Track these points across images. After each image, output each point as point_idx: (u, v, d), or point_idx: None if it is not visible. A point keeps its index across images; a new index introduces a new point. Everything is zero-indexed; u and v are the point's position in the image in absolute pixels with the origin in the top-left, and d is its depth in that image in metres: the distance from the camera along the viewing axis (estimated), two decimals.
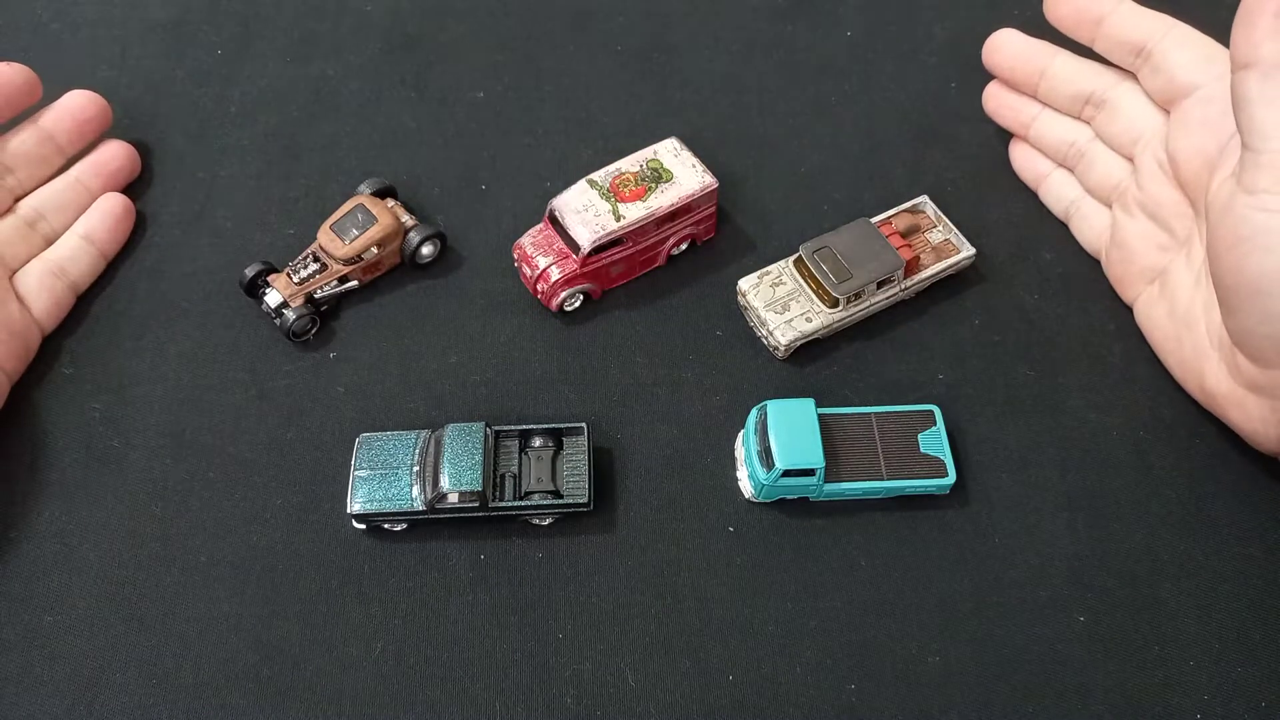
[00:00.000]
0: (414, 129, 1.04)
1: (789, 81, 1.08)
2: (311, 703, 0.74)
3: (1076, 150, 0.93)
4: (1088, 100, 0.90)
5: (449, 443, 0.79)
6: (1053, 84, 0.92)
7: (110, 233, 0.94)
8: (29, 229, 0.91)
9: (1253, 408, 0.76)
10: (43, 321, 0.89)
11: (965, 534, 0.81)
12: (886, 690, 0.74)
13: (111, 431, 0.86)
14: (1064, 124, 0.94)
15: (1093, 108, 0.90)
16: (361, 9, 1.14)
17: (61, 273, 0.91)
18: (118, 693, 0.74)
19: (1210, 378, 0.80)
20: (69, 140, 0.96)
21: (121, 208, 0.96)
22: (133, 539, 0.81)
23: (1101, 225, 0.92)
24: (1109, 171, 0.90)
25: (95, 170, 0.96)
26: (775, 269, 0.90)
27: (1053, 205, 0.97)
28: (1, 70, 0.91)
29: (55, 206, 0.93)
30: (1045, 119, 0.95)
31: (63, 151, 0.95)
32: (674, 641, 0.76)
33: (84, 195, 0.95)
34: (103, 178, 0.96)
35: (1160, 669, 0.75)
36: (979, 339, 0.90)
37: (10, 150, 0.93)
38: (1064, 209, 0.96)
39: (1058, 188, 0.96)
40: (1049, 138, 0.95)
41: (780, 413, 0.80)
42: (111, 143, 0.98)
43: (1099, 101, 0.89)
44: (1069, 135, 0.93)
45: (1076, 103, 0.91)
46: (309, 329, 0.90)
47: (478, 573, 0.79)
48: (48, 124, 0.94)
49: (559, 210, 0.88)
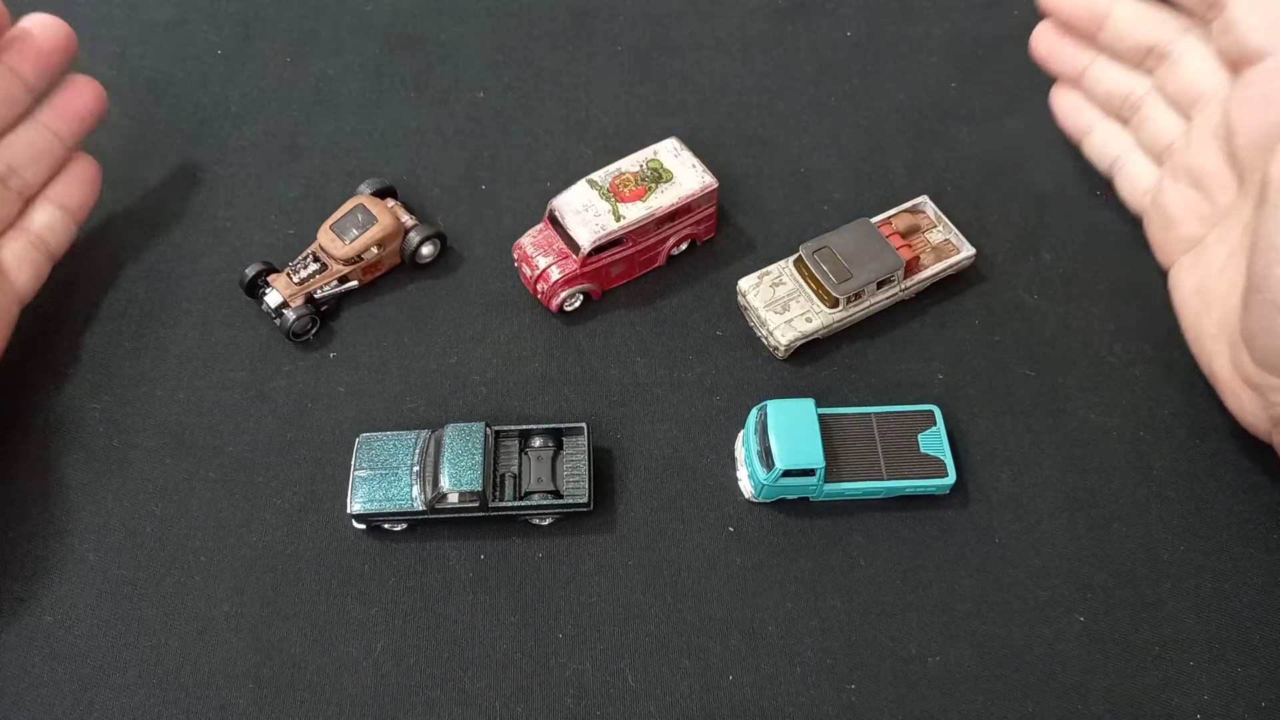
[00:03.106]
0: (414, 129, 1.04)
1: (789, 81, 1.08)
2: (311, 703, 0.74)
3: (1131, 103, 0.87)
4: (1150, 50, 0.83)
5: (449, 443, 0.79)
6: (1115, 30, 0.85)
7: (84, 199, 0.90)
8: (3, 187, 0.85)
9: (1247, 402, 0.76)
10: (24, 294, 0.86)
11: (965, 534, 0.81)
12: (886, 690, 0.74)
13: (111, 431, 0.86)
14: (1120, 74, 0.87)
15: (1155, 58, 0.83)
16: (361, 9, 1.14)
17: (42, 244, 0.87)
18: (118, 693, 0.74)
19: (1219, 362, 0.78)
20: (37, 75, 0.85)
21: (93, 172, 0.91)
22: (133, 539, 0.81)
23: (1147, 184, 0.87)
24: (1163, 129, 0.84)
25: (64, 115, 0.88)
26: (775, 269, 0.90)
27: (1096, 160, 0.92)
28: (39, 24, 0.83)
29: (27, 159, 0.86)
30: (1100, 67, 0.88)
31: (30, 89, 0.85)
32: (674, 641, 0.76)
33: (56, 145, 0.87)
34: (73, 123, 0.88)
35: (1160, 669, 0.75)
36: (979, 339, 0.90)
37: None
38: (1108, 164, 0.91)
39: (1103, 142, 0.91)
40: (1102, 85, 0.88)
41: (780, 413, 0.80)
42: (77, 80, 0.89)
43: (1163, 52, 0.82)
44: (1125, 86, 0.87)
45: (1138, 52, 0.84)
46: (309, 329, 0.90)
47: (478, 573, 0.79)
48: (10, 59, 0.83)
49: (559, 210, 0.88)
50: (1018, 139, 1.01)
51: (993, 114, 1.01)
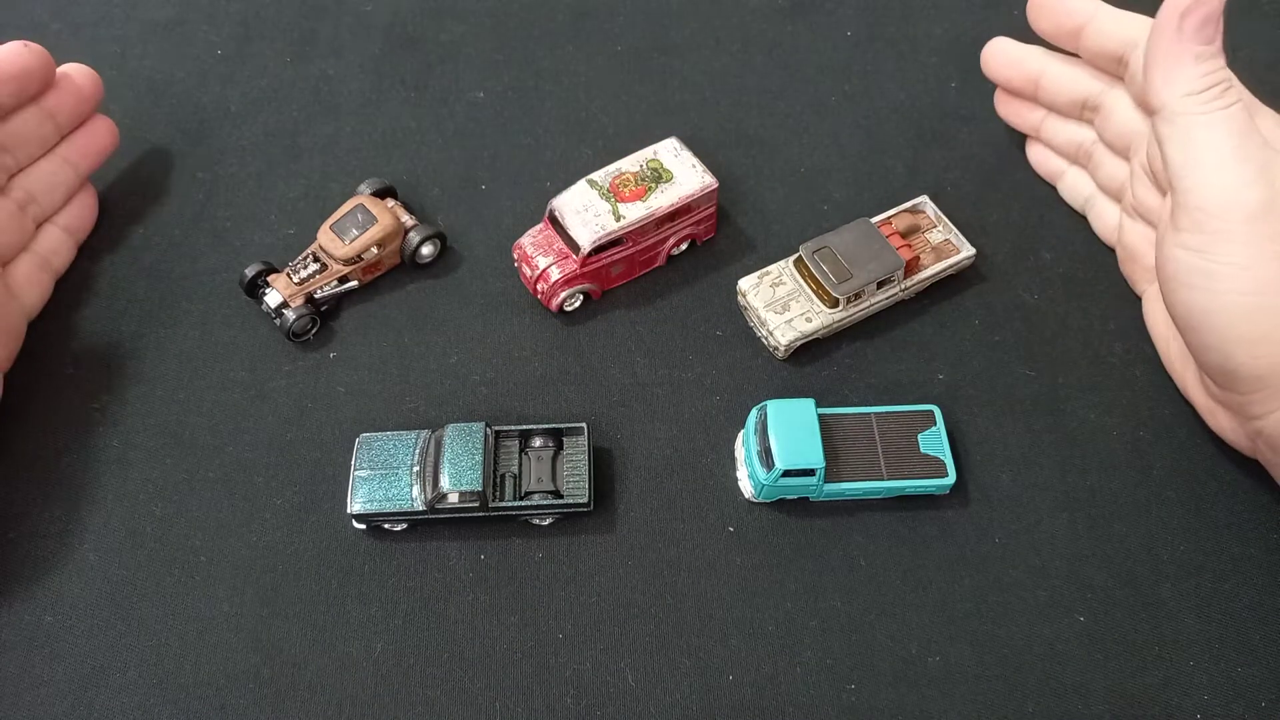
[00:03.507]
0: (414, 129, 1.04)
1: (789, 81, 1.08)
2: (311, 703, 0.74)
3: (1084, 151, 0.93)
4: (1084, 104, 0.91)
5: (449, 443, 0.79)
6: (1049, 91, 0.93)
7: (86, 224, 0.96)
8: (20, 213, 0.90)
9: (1223, 420, 0.79)
10: (32, 311, 0.90)
11: (965, 534, 0.81)
12: (886, 690, 0.74)
13: (111, 431, 0.86)
14: (1069, 126, 0.94)
15: (1090, 110, 0.91)
16: (361, 9, 1.14)
17: (47, 265, 0.92)
18: (118, 693, 0.74)
19: (1189, 385, 0.82)
20: (69, 120, 0.93)
21: (92, 199, 0.97)
22: (133, 539, 0.81)
23: (1114, 221, 0.92)
24: (1114, 172, 0.91)
25: (83, 151, 0.95)
26: (775, 269, 0.90)
27: (1071, 200, 0.97)
28: (14, 53, 0.87)
29: (45, 189, 0.92)
30: (1052, 121, 0.95)
31: (60, 131, 0.93)
32: (674, 641, 0.76)
33: (72, 178, 0.94)
34: (89, 158, 0.95)
35: (1160, 669, 0.75)
36: (979, 339, 0.90)
37: (11, 130, 0.88)
38: (1081, 204, 0.96)
39: (1073, 184, 0.96)
40: (1058, 139, 0.96)
41: (780, 413, 0.80)
42: (98, 121, 0.96)
43: (1095, 105, 0.90)
44: (1075, 136, 0.94)
45: (1075, 107, 0.92)
46: (309, 329, 0.90)
47: (478, 573, 0.79)
48: (51, 103, 0.91)
49: (559, 210, 0.88)
50: (1018, 139, 1.01)
51: (993, 114, 1.01)
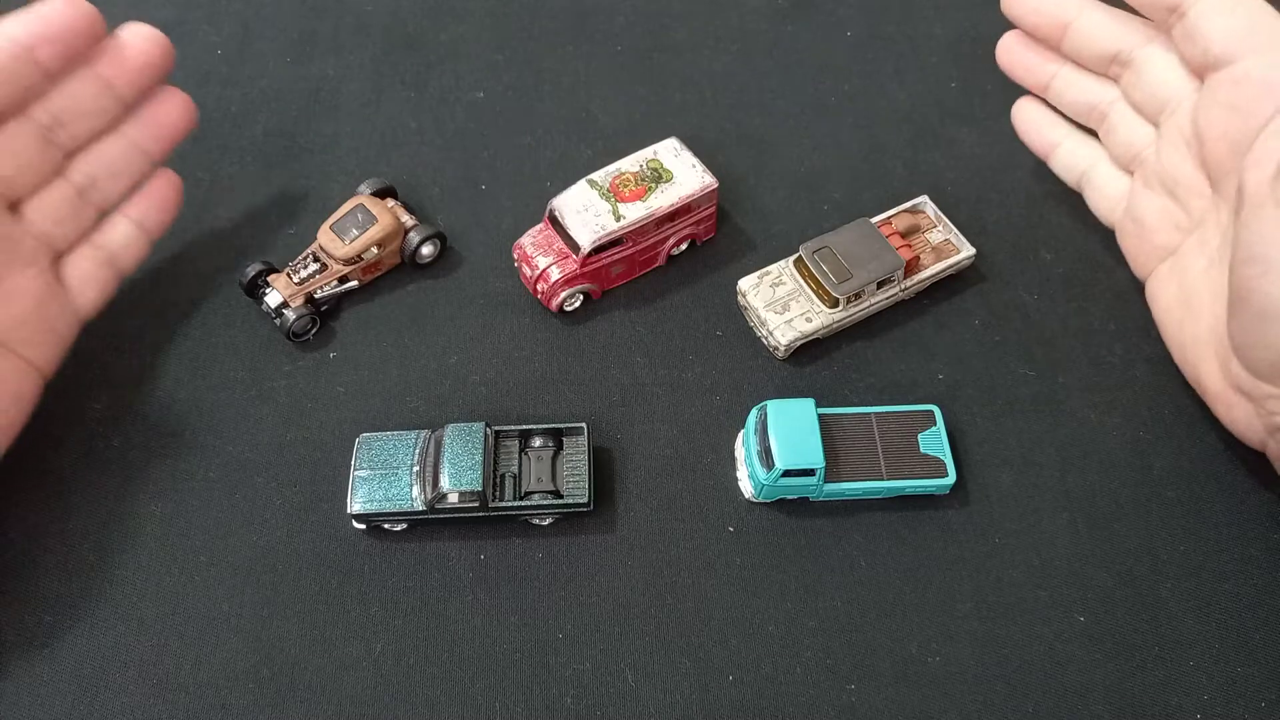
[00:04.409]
0: (414, 129, 1.04)
1: (789, 81, 1.08)
2: (311, 703, 0.74)
3: (1099, 112, 0.86)
4: (1114, 58, 0.82)
5: (449, 443, 0.79)
6: (1079, 38, 0.84)
7: (162, 217, 0.88)
8: (79, 199, 0.81)
9: (1239, 411, 0.75)
10: (86, 312, 0.84)
11: (965, 534, 0.81)
12: (886, 690, 0.74)
13: (111, 431, 0.86)
14: (1087, 82, 0.86)
15: (1120, 66, 0.82)
16: (361, 9, 1.14)
17: (112, 261, 0.84)
18: (118, 693, 0.74)
19: (1205, 371, 0.77)
20: (130, 89, 0.81)
21: (174, 190, 0.88)
22: (133, 539, 0.81)
23: (1117, 195, 0.86)
24: (1132, 137, 0.83)
25: (151, 130, 0.84)
26: (775, 269, 0.90)
27: (1065, 175, 0.91)
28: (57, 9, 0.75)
29: (109, 173, 0.82)
30: (1066, 76, 0.87)
31: (122, 102, 0.81)
32: (674, 641, 0.76)
33: (140, 161, 0.84)
34: (160, 138, 0.84)
35: (1160, 669, 0.75)
36: (979, 339, 0.90)
37: (63, 102, 0.78)
38: (1076, 178, 0.90)
39: (1069, 156, 0.90)
40: (1069, 96, 0.88)
41: (780, 413, 0.80)
42: (168, 93, 0.85)
43: (1126, 60, 0.81)
44: (1092, 95, 0.86)
45: (1103, 60, 0.83)
46: (309, 329, 0.90)
47: (478, 573, 0.79)
48: (107, 71, 0.79)
49: (559, 210, 0.88)
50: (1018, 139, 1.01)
51: (993, 114, 1.01)
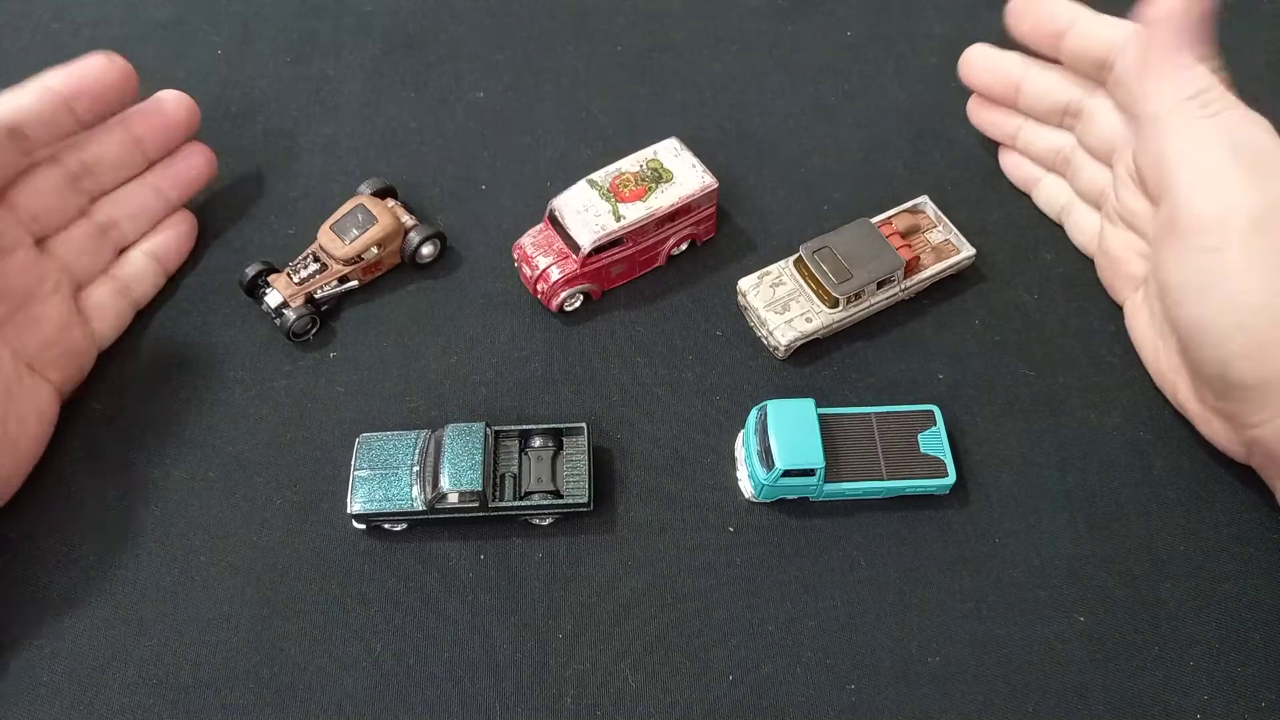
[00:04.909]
0: (414, 129, 1.04)
1: (789, 81, 1.08)
2: (311, 703, 0.74)
3: (1063, 157, 0.93)
4: (1065, 110, 0.90)
5: (449, 443, 0.79)
6: (1029, 97, 0.92)
7: (178, 254, 0.93)
8: (100, 237, 0.88)
9: (1217, 427, 0.78)
10: (103, 338, 0.88)
11: (965, 534, 0.81)
12: (886, 690, 0.74)
13: (111, 431, 0.86)
14: (1048, 132, 0.94)
15: (1071, 117, 0.90)
16: (361, 9, 1.14)
17: (127, 291, 0.90)
18: (118, 693, 0.74)
19: (1183, 393, 0.81)
20: (157, 148, 0.91)
21: (189, 228, 0.94)
22: (133, 539, 0.81)
23: (1092, 229, 0.92)
24: (1094, 178, 0.90)
25: (175, 180, 0.92)
26: (775, 269, 0.90)
27: (1046, 209, 0.97)
28: (96, 67, 0.83)
29: (130, 214, 0.90)
30: (1029, 129, 0.95)
31: (148, 158, 0.91)
32: (674, 641, 0.76)
33: (160, 205, 0.92)
34: (181, 186, 0.93)
35: (1160, 669, 0.75)
36: (979, 339, 0.90)
37: (95, 153, 0.87)
38: (1057, 212, 0.96)
39: (1049, 192, 0.96)
40: (1036, 146, 0.95)
41: (780, 413, 0.80)
42: (194, 148, 0.94)
43: (1076, 110, 0.89)
44: (1054, 143, 0.93)
45: (1055, 113, 0.91)
46: (309, 329, 0.90)
47: (478, 573, 0.79)
48: (138, 129, 0.89)
49: (559, 210, 0.88)
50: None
51: None
